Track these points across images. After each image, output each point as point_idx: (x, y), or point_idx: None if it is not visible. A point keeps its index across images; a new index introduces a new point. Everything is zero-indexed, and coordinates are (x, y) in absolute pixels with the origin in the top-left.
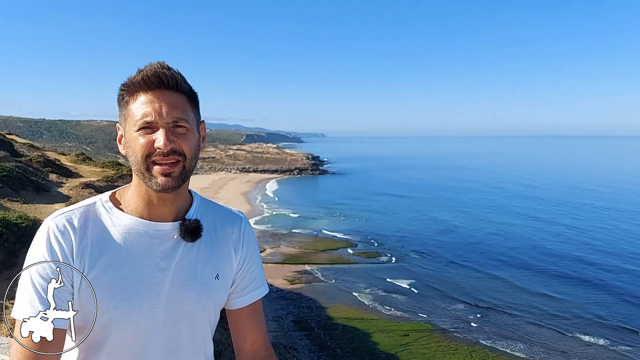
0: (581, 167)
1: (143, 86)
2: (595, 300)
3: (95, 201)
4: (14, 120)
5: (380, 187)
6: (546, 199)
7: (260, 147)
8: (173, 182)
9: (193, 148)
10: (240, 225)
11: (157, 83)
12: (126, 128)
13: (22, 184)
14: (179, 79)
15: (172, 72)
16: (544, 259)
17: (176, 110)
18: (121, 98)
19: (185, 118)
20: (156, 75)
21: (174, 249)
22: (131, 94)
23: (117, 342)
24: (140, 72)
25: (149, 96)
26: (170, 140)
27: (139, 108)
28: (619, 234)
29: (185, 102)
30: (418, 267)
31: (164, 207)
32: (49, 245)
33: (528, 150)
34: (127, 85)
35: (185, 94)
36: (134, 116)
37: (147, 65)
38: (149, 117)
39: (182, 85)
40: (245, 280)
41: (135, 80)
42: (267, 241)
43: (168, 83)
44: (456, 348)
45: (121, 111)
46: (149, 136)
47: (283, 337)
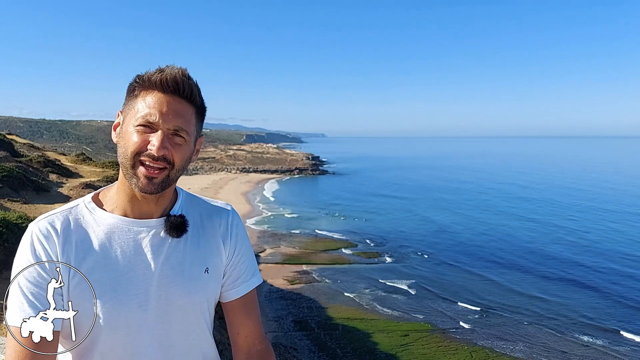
0: (588, 167)
1: (159, 87)
2: (594, 301)
3: (78, 203)
4: (14, 121)
5: (380, 188)
6: (547, 199)
7: (260, 147)
8: (153, 187)
9: (184, 160)
10: (228, 218)
11: (174, 88)
12: (126, 119)
13: (22, 184)
14: (194, 90)
15: (191, 83)
16: (543, 260)
17: (181, 120)
18: (132, 89)
19: (187, 129)
20: (175, 80)
21: (161, 246)
22: (144, 89)
23: (110, 341)
24: (160, 72)
25: (160, 97)
26: (164, 146)
27: (146, 105)
28: (616, 235)
29: (192, 114)
30: (418, 267)
31: (148, 204)
32: (33, 249)
33: (528, 151)
34: (143, 79)
35: (195, 106)
36: (139, 111)
37: (169, 68)
38: (152, 117)
39: (196, 98)
40: (235, 272)
41: (153, 78)
42: (267, 241)
43: (183, 92)
44: (456, 348)
45: (127, 101)
46: (145, 135)
47: (283, 337)
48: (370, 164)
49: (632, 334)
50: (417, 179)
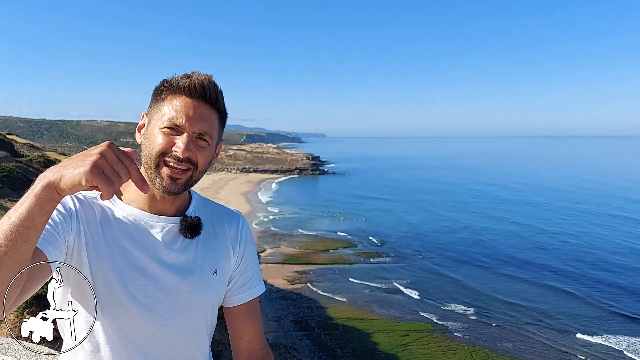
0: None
1: (186, 92)
2: (595, 300)
3: None
4: (14, 121)
5: (380, 188)
6: (546, 200)
7: (261, 147)
8: (176, 187)
9: (206, 162)
10: (238, 224)
11: (200, 94)
12: (152, 121)
13: (23, 184)
14: (220, 97)
15: (217, 90)
16: (543, 259)
17: (205, 124)
18: (159, 92)
19: (210, 134)
20: (202, 86)
21: (173, 243)
22: (172, 93)
23: (114, 336)
24: (188, 77)
25: (187, 102)
26: (189, 148)
27: (173, 108)
28: (620, 234)
29: (216, 119)
30: (418, 267)
31: (165, 203)
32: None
33: (531, 150)
34: (171, 84)
35: (219, 112)
36: (166, 114)
37: (196, 74)
38: (179, 120)
39: (220, 104)
40: (242, 278)
41: (181, 83)
42: (267, 241)
43: (209, 97)
44: (456, 348)
45: (154, 103)
46: (171, 137)
47: (283, 337)
48: (370, 164)
49: (633, 335)
50: (421, 179)
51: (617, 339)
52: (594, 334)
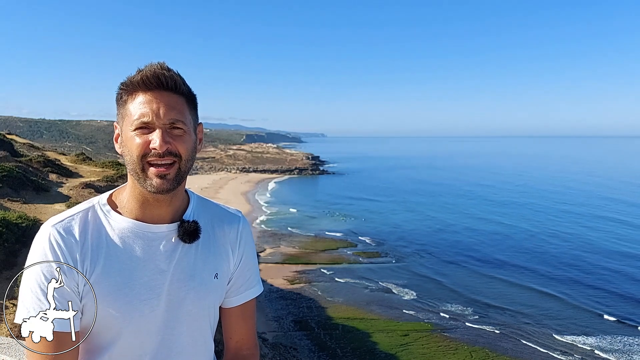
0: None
1: (142, 86)
2: (595, 300)
3: (93, 204)
4: (14, 120)
5: (380, 188)
6: (547, 200)
7: (260, 147)
8: (168, 184)
9: (189, 150)
10: (238, 225)
11: (156, 84)
12: (123, 127)
13: (22, 184)
14: (178, 80)
15: (172, 74)
16: (543, 259)
17: (174, 112)
18: (119, 97)
19: (183, 120)
20: (155, 76)
21: (173, 251)
22: (130, 94)
23: (120, 345)
24: (139, 72)
25: (147, 96)
26: (166, 141)
27: (136, 108)
28: (619, 234)
29: (183, 103)
30: (418, 267)
31: (160, 208)
32: (52, 250)
33: (532, 151)
34: (126, 84)
35: (184, 95)
36: (132, 116)
37: (147, 66)
38: (146, 117)
39: (181, 87)
40: (240, 279)
41: (134, 80)
42: (267, 241)
43: (167, 84)
44: (456, 348)
45: (119, 110)
46: (145, 136)
47: (283, 337)
48: (370, 164)
49: (633, 334)
50: (420, 179)
51: (618, 339)
52: (594, 334)
